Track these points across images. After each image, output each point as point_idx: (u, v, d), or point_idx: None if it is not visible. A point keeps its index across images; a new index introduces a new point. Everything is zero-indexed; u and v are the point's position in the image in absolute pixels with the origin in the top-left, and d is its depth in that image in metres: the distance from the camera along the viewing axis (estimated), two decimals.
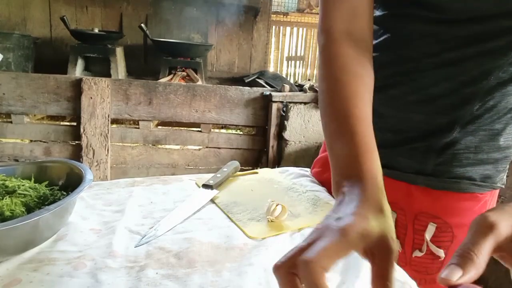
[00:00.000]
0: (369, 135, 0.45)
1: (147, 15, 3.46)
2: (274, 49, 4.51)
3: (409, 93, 0.62)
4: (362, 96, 0.48)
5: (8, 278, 0.50)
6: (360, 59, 0.52)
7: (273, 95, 2.19)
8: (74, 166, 0.68)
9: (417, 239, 0.69)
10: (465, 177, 0.64)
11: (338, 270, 0.57)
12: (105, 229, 0.64)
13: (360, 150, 0.43)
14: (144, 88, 2.10)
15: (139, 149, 2.17)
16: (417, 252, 0.70)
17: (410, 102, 0.63)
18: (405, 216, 0.70)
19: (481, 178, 0.65)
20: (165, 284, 0.51)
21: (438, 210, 0.67)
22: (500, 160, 0.65)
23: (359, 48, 0.52)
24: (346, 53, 0.51)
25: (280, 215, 0.69)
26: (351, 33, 0.53)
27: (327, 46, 0.53)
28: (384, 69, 0.62)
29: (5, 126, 2.05)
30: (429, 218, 0.67)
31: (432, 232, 0.67)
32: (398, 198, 0.65)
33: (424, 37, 0.58)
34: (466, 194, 0.65)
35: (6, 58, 2.78)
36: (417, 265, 0.70)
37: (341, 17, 0.53)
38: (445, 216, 0.66)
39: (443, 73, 0.58)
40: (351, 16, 0.52)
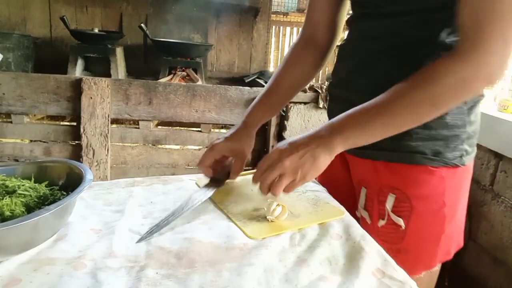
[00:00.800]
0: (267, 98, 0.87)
1: (147, 15, 3.45)
2: (274, 49, 4.51)
3: (365, 80, 0.76)
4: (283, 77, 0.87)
5: (8, 278, 0.50)
6: (303, 53, 0.88)
7: None
8: (74, 166, 0.68)
9: (381, 209, 0.78)
10: (417, 151, 0.72)
11: (338, 270, 0.57)
12: (105, 229, 0.64)
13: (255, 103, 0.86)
14: (144, 88, 2.10)
15: (139, 149, 2.17)
16: (381, 221, 0.79)
17: (366, 88, 0.75)
18: (372, 190, 0.79)
19: (432, 152, 0.72)
20: (165, 284, 0.51)
21: (397, 182, 0.75)
22: (450, 138, 0.72)
23: (309, 47, 0.88)
24: (295, 51, 0.89)
25: (280, 215, 0.69)
26: (309, 39, 0.88)
27: (292, 46, 0.91)
28: (347, 62, 0.83)
29: (5, 126, 2.04)
30: (390, 190, 0.76)
31: (392, 202, 0.76)
32: (366, 175, 0.76)
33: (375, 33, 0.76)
34: (420, 167, 0.73)
35: (6, 58, 2.78)
36: (384, 235, 0.79)
37: (306, 29, 0.89)
38: (403, 188, 0.75)
39: (389, 61, 0.73)
40: (312, 29, 0.88)
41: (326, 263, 0.59)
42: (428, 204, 0.75)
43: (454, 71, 0.59)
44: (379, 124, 0.64)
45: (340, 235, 0.67)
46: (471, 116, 0.73)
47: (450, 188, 0.75)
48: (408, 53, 0.71)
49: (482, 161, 1.69)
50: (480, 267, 1.71)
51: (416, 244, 0.78)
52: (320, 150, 0.65)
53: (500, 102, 1.71)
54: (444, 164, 0.73)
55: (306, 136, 0.67)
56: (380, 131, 0.65)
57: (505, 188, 1.58)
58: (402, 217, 0.76)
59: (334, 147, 0.65)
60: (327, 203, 0.79)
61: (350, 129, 0.65)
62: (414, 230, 0.76)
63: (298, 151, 0.65)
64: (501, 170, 1.60)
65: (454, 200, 0.77)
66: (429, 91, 0.60)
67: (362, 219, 0.84)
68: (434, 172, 0.73)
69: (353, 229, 0.69)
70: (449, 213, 0.76)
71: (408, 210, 0.75)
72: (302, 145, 0.65)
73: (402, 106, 0.62)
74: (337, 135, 0.65)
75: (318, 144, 0.65)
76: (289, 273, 0.56)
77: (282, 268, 0.57)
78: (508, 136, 1.51)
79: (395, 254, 0.73)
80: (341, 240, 0.66)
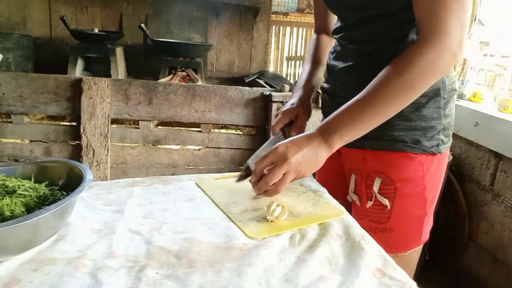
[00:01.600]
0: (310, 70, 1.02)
1: (147, 15, 3.45)
2: (274, 49, 4.50)
3: (351, 78, 0.86)
4: (318, 53, 1.05)
5: (8, 278, 0.50)
6: (323, 40, 1.07)
7: (273, 95, 2.19)
8: (74, 166, 0.68)
9: (369, 192, 0.87)
10: (399, 140, 0.82)
11: (338, 270, 0.58)
12: (105, 229, 0.64)
13: (305, 78, 1.00)
14: (144, 88, 2.10)
15: (139, 149, 2.17)
16: (369, 203, 0.87)
17: (353, 85, 0.83)
18: (361, 176, 0.88)
19: (411, 141, 0.82)
20: (165, 284, 0.51)
21: (382, 167, 0.85)
22: (427, 128, 0.81)
23: (325, 36, 1.07)
24: (318, 39, 1.07)
25: (280, 215, 0.69)
26: (322, 29, 1.08)
27: (313, 38, 1.10)
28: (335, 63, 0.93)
29: (5, 126, 2.04)
30: (376, 174, 0.85)
31: (378, 185, 0.85)
32: (356, 162, 0.85)
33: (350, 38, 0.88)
34: (401, 153, 0.83)
35: (6, 58, 2.78)
36: (371, 216, 0.88)
37: (317, 26, 1.09)
38: (388, 172, 0.84)
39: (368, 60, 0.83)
40: (321, 25, 1.08)
41: (326, 263, 0.59)
42: (410, 187, 0.84)
43: (423, 56, 0.68)
44: (370, 116, 0.72)
45: (340, 235, 0.67)
46: (446, 110, 0.83)
47: (429, 173, 0.84)
48: (390, 52, 0.77)
49: (482, 161, 1.69)
50: (480, 267, 1.71)
51: (401, 223, 0.87)
52: (321, 148, 0.72)
53: (500, 102, 1.71)
54: (423, 152, 0.82)
55: (306, 135, 0.74)
56: (372, 122, 0.73)
57: (505, 188, 1.58)
58: (388, 198, 0.85)
59: (334, 144, 0.73)
60: (327, 203, 0.79)
61: (345, 126, 0.73)
62: (398, 210, 0.85)
63: (301, 149, 0.71)
64: (501, 170, 1.60)
65: (433, 184, 0.86)
66: (406, 77, 0.69)
67: (353, 202, 0.93)
68: (414, 158, 0.82)
69: (353, 229, 0.69)
70: (430, 196, 0.86)
71: (392, 191, 0.84)
72: (305, 143, 0.71)
73: (386, 95, 0.71)
74: (335, 133, 0.72)
75: (319, 142, 0.72)
76: (289, 273, 0.56)
77: (282, 268, 0.57)
78: (508, 136, 1.51)
79: (382, 233, 0.87)
80: (341, 240, 0.66)
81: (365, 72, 0.81)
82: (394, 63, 0.72)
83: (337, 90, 0.92)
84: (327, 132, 0.73)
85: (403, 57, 0.71)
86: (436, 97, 0.80)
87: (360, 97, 0.73)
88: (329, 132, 0.73)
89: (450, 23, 0.67)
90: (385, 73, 0.72)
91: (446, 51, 0.68)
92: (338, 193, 0.89)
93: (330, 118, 0.74)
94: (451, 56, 0.69)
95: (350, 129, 0.72)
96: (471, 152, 1.75)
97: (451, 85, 0.83)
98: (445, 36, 0.67)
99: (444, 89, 0.81)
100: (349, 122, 0.72)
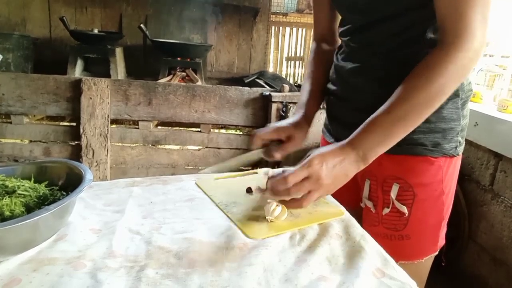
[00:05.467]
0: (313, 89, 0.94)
1: (146, 15, 3.46)
2: (274, 50, 4.51)
3: (364, 80, 0.82)
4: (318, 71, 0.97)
5: (8, 278, 0.50)
6: (324, 51, 0.99)
7: (273, 96, 2.19)
8: (74, 166, 0.68)
9: (386, 199, 0.83)
10: (419, 143, 0.78)
11: (338, 270, 0.57)
12: (105, 229, 0.64)
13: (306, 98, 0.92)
14: (143, 88, 2.10)
15: (139, 149, 2.17)
16: (386, 210, 0.83)
17: (366, 87, 0.81)
18: (377, 181, 0.84)
19: (431, 144, 0.78)
20: (165, 284, 0.51)
21: (400, 172, 0.81)
22: (447, 130, 0.79)
23: (325, 47, 1.00)
24: (319, 51, 1.00)
25: (279, 215, 0.69)
26: (323, 37, 1.00)
27: (313, 48, 1.02)
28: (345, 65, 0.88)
29: (5, 126, 2.04)
30: (394, 180, 0.82)
31: (396, 191, 0.81)
32: (371, 167, 0.75)
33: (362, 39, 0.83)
34: (421, 157, 0.79)
35: (6, 59, 2.78)
36: (387, 223, 0.84)
37: (317, 35, 1.02)
38: (406, 177, 0.80)
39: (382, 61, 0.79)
40: (322, 34, 1.01)
41: (326, 263, 0.59)
42: (428, 192, 0.81)
43: (454, 61, 0.66)
44: (403, 129, 0.70)
45: (340, 235, 0.67)
46: (464, 110, 0.81)
47: (447, 177, 0.81)
48: (403, 52, 0.76)
49: (482, 161, 1.69)
50: (480, 267, 1.71)
51: (418, 230, 0.83)
52: (353, 168, 0.70)
53: (500, 102, 1.72)
54: (443, 155, 0.79)
55: (340, 150, 0.70)
56: (404, 134, 0.71)
57: (505, 188, 1.58)
58: (406, 205, 0.81)
59: (368, 161, 0.70)
60: (327, 203, 0.79)
61: (380, 142, 0.70)
62: (416, 216, 0.81)
63: (334, 169, 0.68)
64: (501, 170, 1.60)
65: (449, 188, 0.83)
66: (438, 83, 0.66)
67: (366, 209, 0.88)
68: (434, 162, 0.79)
69: (353, 229, 0.69)
70: (447, 201, 0.83)
71: (411, 198, 0.81)
72: (338, 162, 0.68)
73: (418, 105, 0.68)
74: (370, 151, 0.70)
75: (354, 160, 0.69)
76: (289, 273, 0.56)
77: (282, 268, 0.57)
78: (508, 136, 1.51)
79: (398, 241, 0.83)
80: (341, 240, 0.66)
81: (376, 74, 0.79)
82: (421, 70, 0.68)
83: (346, 92, 0.88)
84: (363, 150, 0.69)
85: (431, 62, 0.68)
86: (454, 97, 0.77)
87: (391, 109, 0.69)
88: (365, 150, 0.69)
89: (475, 22, 0.64)
90: (414, 81, 0.68)
91: (475, 52, 0.66)
92: (347, 199, 0.84)
93: (361, 134, 0.70)
94: (478, 57, 0.67)
95: (384, 145, 0.70)
96: (470, 152, 1.75)
97: (468, 85, 0.80)
98: (472, 37, 0.65)
99: (463, 90, 0.78)
100: (383, 138, 0.69)
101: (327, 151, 0.69)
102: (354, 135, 0.71)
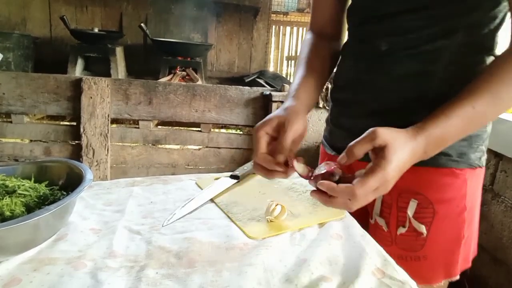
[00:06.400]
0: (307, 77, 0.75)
1: (147, 14, 3.45)
2: (274, 49, 4.51)
3: (383, 78, 0.72)
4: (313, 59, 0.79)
5: (8, 278, 0.50)
6: (321, 43, 0.83)
7: (273, 95, 2.19)
8: (74, 166, 0.68)
9: (401, 216, 0.73)
10: (442, 153, 0.67)
11: (338, 270, 0.57)
12: (105, 229, 0.64)
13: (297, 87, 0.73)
14: (144, 88, 2.10)
15: (139, 149, 2.17)
16: (401, 229, 0.74)
17: (385, 87, 0.72)
18: (390, 195, 0.73)
19: (457, 154, 0.69)
20: (165, 284, 0.51)
21: (419, 186, 0.71)
22: (473, 137, 0.70)
23: (323, 39, 0.84)
24: (314, 41, 0.83)
25: (279, 215, 0.69)
26: (321, 33, 0.85)
27: (307, 38, 0.86)
28: (359, 61, 0.77)
29: (5, 126, 2.04)
30: (411, 195, 0.72)
31: (414, 208, 0.71)
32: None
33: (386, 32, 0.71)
34: (445, 169, 0.69)
35: (6, 58, 2.78)
36: (402, 243, 0.74)
37: (316, 25, 0.87)
38: (426, 192, 0.71)
39: (406, 58, 0.69)
40: (322, 24, 0.86)
41: (326, 263, 0.59)
42: (450, 208, 0.72)
43: None
44: (474, 128, 0.64)
45: (340, 235, 0.67)
46: None
47: (470, 191, 0.72)
48: (427, 49, 0.68)
49: None
50: (480, 267, 1.71)
51: (436, 250, 0.74)
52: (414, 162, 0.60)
53: None
54: (468, 166, 0.71)
55: (413, 153, 0.57)
56: (466, 134, 0.64)
57: (505, 188, 1.58)
58: (424, 223, 0.71)
59: (426, 157, 0.60)
60: None
61: (450, 138, 0.60)
62: (434, 236, 0.72)
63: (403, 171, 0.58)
64: (501, 170, 1.60)
65: (473, 203, 0.74)
66: None
67: (375, 225, 0.79)
68: (459, 175, 0.70)
69: (353, 229, 0.69)
70: (469, 217, 0.73)
71: (430, 216, 0.71)
72: (408, 164, 0.58)
73: (503, 103, 0.60)
74: (437, 147, 0.60)
75: (418, 157, 0.59)
76: (289, 273, 0.56)
77: (282, 268, 0.57)
78: (508, 136, 1.51)
79: (415, 262, 0.73)
80: (341, 240, 0.66)
81: (399, 72, 0.70)
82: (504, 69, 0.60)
83: (357, 94, 0.77)
84: (432, 144, 0.58)
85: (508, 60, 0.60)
86: None
87: (475, 102, 0.59)
88: (434, 145, 0.59)
89: None
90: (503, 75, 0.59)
91: None
92: (353, 213, 0.70)
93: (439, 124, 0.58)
94: None
95: (450, 142, 0.61)
96: None
97: None
98: None
99: None
100: (454, 134, 0.60)
101: (404, 155, 0.55)
102: (430, 124, 0.58)
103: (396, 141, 0.55)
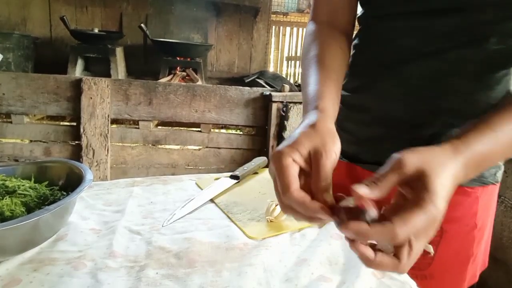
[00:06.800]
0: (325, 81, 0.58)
1: (147, 15, 3.46)
2: (274, 49, 4.51)
3: (394, 85, 0.66)
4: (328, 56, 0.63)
5: (8, 278, 0.50)
6: (333, 36, 0.67)
7: (273, 95, 2.19)
8: (74, 166, 0.68)
9: None
10: None
11: (338, 270, 0.57)
12: (105, 229, 0.64)
13: (318, 93, 0.56)
14: (144, 88, 2.10)
15: (139, 149, 2.17)
16: None
17: (395, 94, 0.66)
18: None
19: None
20: (165, 284, 0.51)
21: None
22: None
23: (334, 32, 0.68)
24: (324, 33, 0.68)
25: (279, 215, 0.69)
26: (331, 23, 0.69)
27: (312, 30, 0.70)
28: (370, 64, 0.70)
29: (5, 126, 2.05)
30: None
31: None
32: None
33: (406, 33, 0.64)
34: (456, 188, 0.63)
35: (6, 58, 2.78)
36: None
37: (323, 12, 0.71)
38: None
39: (424, 64, 0.63)
40: (331, 12, 0.70)
41: (326, 263, 0.59)
42: (459, 227, 0.68)
43: None
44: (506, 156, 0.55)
45: (340, 235, 0.67)
46: None
47: (481, 208, 0.68)
48: (451, 58, 0.61)
49: None
50: None
51: (443, 270, 0.70)
52: None
53: None
54: (481, 184, 0.66)
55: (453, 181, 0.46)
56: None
57: (505, 188, 1.58)
58: (432, 242, 0.62)
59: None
60: None
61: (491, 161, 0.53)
62: (442, 255, 0.68)
63: None
64: None
65: (483, 220, 0.70)
66: None
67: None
68: (470, 193, 0.66)
69: None
70: (479, 235, 0.69)
71: (438, 235, 0.65)
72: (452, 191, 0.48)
73: None
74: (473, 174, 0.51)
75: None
76: (289, 273, 0.56)
77: (282, 268, 0.57)
78: None
79: (421, 280, 0.66)
80: (341, 240, 0.65)
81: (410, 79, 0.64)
82: None
83: (365, 99, 0.70)
84: (473, 173, 0.50)
85: None
86: None
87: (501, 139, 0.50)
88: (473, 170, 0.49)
89: None
90: None
91: None
92: None
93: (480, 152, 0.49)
94: None
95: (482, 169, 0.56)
96: None
97: None
98: None
99: None
100: (492, 161, 0.53)
101: (448, 181, 0.44)
102: (474, 139, 0.49)
103: (434, 164, 0.44)
